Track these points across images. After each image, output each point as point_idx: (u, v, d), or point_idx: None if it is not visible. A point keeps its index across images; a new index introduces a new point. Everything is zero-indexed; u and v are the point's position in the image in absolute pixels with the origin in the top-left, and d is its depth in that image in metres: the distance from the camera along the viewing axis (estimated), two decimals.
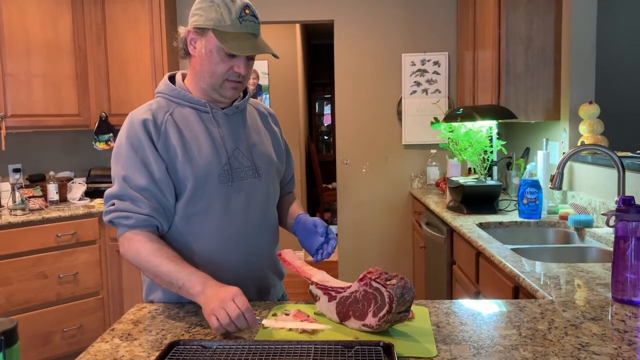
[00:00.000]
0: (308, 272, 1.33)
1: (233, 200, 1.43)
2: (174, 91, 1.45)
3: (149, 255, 1.32)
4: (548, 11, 2.90)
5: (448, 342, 1.11)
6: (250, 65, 1.43)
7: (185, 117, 1.42)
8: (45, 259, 3.15)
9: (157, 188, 1.36)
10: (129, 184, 1.35)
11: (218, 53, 1.37)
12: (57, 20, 3.50)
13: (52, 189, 3.51)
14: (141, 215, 1.34)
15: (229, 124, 1.46)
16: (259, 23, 1.41)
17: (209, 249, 1.42)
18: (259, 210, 1.49)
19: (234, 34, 1.35)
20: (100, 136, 3.72)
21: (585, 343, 1.09)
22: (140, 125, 1.37)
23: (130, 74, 3.69)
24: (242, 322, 1.14)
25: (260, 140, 1.53)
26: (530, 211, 2.55)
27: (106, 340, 1.17)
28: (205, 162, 1.39)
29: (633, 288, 1.31)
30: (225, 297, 1.16)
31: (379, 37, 4.07)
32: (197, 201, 1.40)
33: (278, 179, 1.60)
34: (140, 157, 1.36)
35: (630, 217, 1.30)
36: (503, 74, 2.95)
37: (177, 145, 1.38)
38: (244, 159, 1.46)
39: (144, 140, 1.36)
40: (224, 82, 1.41)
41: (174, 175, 1.38)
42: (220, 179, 1.41)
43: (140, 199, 1.34)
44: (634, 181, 2.17)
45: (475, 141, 2.90)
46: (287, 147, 1.68)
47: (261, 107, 1.64)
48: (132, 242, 1.35)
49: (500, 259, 1.85)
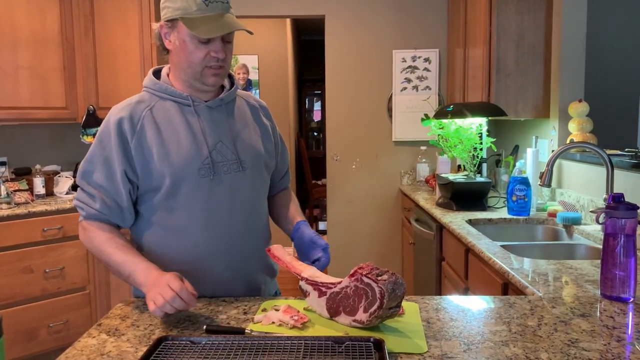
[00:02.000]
0: (298, 268, 1.32)
1: (216, 194, 1.40)
2: (156, 85, 1.44)
3: (100, 245, 1.37)
4: (539, 9, 2.91)
5: (438, 338, 1.10)
6: (229, 48, 1.41)
7: (166, 111, 1.41)
8: (31, 253, 3.11)
9: (114, 187, 1.38)
10: (87, 179, 1.40)
11: (191, 41, 1.35)
12: (45, 12, 3.45)
13: (39, 182, 3.46)
14: (92, 209, 1.39)
15: (212, 116, 1.44)
16: (228, 2, 1.38)
17: (193, 246, 1.40)
18: (245, 206, 1.46)
19: (202, 18, 1.33)
20: (87, 130, 3.68)
21: (574, 339, 1.09)
22: (114, 125, 1.38)
23: (119, 67, 3.65)
24: (178, 303, 1.17)
25: (248, 133, 1.50)
26: (519, 208, 2.56)
27: (93, 336, 1.16)
28: (184, 157, 1.38)
29: (622, 285, 1.32)
30: (161, 283, 1.20)
31: (369, 33, 4.06)
32: (178, 196, 1.39)
33: (267, 174, 1.57)
34: (105, 155, 1.38)
35: (620, 215, 1.30)
36: (493, 71, 2.95)
37: (153, 142, 1.37)
38: (228, 152, 1.43)
39: (113, 140, 1.37)
40: (204, 70, 1.38)
41: (148, 172, 1.38)
42: (201, 173, 1.39)
43: (95, 194, 1.38)
44: (623, 179, 2.18)
45: (465, 138, 2.90)
46: (281, 140, 1.64)
47: (252, 99, 1.61)
48: (87, 231, 1.40)
49: (490, 255, 1.86)
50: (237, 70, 5.47)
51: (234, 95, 1.52)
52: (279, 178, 1.66)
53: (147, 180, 1.39)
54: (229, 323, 1.22)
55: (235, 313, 1.28)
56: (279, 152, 1.63)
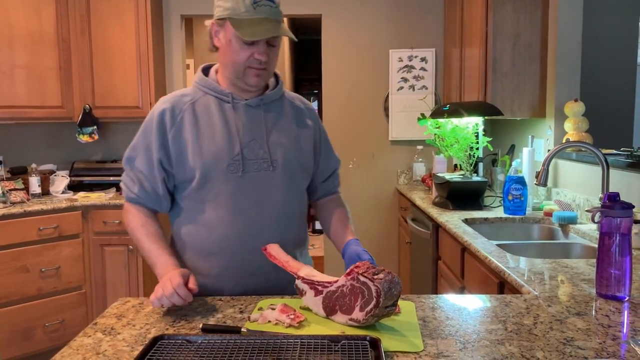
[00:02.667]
0: (294, 267, 1.32)
1: (243, 191, 1.44)
2: (202, 80, 1.50)
3: (134, 229, 1.46)
4: (535, 9, 2.91)
5: (434, 337, 1.11)
6: (273, 51, 1.43)
7: (207, 106, 1.47)
8: (27, 252, 3.10)
9: (152, 174, 1.45)
10: (130, 164, 1.48)
11: (237, 41, 1.39)
12: (41, 11, 3.44)
13: (34, 181, 3.45)
14: (132, 193, 1.48)
15: (249, 115, 1.47)
16: (277, 7, 1.40)
17: (220, 239, 1.44)
18: (273, 204, 1.46)
19: (248, 20, 1.36)
20: (83, 129, 3.67)
21: (570, 338, 1.09)
22: (157, 115, 1.45)
23: (115, 65, 3.64)
24: (175, 299, 1.23)
25: (286, 134, 1.50)
26: (515, 207, 2.57)
27: (89, 335, 1.16)
28: (215, 151, 1.42)
29: (617, 284, 1.32)
30: (165, 279, 1.27)
31: (366, 33, 4.06)
32: (207, 188, 1.43)
33: (304, 175, 1.56)
34: (146, 142, 1.45)
35: (615, 214, 1.31)
36: (490, 70, 2.96)
37: (190, 135, 1.43)
38: (260, 150, 1.45)
39: (154, 129, 1.44)
40: (247, 70, 1.42)
41: (182, 163, 1.43)
42: (230, 169, 1.42)
43: (135, 179, 1.47)
44: (618, 178, 2.19)
45: (462, 137, 2.91)
46: (326, 143, 1.63)
47: (297, 100, 1.61)
48: (127, 213, 1.50)
49: (486, 254, 1.86)
50: None
51: (276, 95, 1.53)
52: (321, 180, 1.64)
53: (180, 171, 1.44)
54: (225, 322, 1.22)
55: (232, 312, 1.28)
56: (322, 153, 1.61)
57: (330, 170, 1.66)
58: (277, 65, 1.51)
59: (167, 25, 3.96)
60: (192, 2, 3.97)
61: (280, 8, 1.41)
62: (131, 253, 3.38)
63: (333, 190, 1.69)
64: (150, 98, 3.66)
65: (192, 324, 1.20)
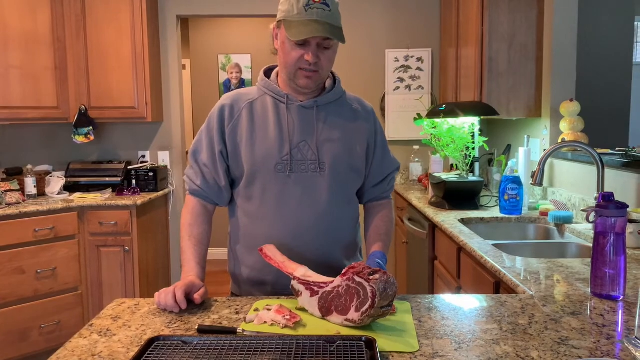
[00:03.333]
0: (290, 268, 1.32)
1: (288, 190, 1.47)
2: (262, 81, 1.55)
3: (182, 225, 1.53)
4: (530, 9, 2.92)
5: (430, 337, 1.11)
6: (326, 55, 1.45)
7: (265, 105, 1.51)
8: (23, 254, 3.10)
9: (214, 167, 1.51)
10: (195, 157, 1.54)
11: (289, 42, 1.42)
12: (36, 11, 3.43)
13: (30, 182, 3.44)
14: (194, 185, 1.54)
15: (303, 116, 1.49)
16: (331, 10, 1.41)
17: (264, 236, 1.48)
18: (317, 205, 1.47)
19: (298, 22, 1.38)
20: (79, 129, 3.67)
21: (565, 337, 1.10)
22: (218, 110, 1.52)
23: (111, 66, 3.64)
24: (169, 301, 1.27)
25: (339, 136, 1.51)
26: (511, 207, 2.57)
27: (84, 336, 1.15)
28: (265, 150, 1.47)
29: (612, 283, 1.33)
30: (176, 283, 1.32)
31: (363, 33, 4.06)
32: (255, 186, 1.49)
33: (355, 178, 1.55)
34: (210, 136, 1.52)
35: (610, 213, 1.31)
36: (486, 71, 2.96)
37: (245, 132, 1.48)
38: (309, 152, 1.47)
39: (215, 123, 1.51)
40: (297, 72, 1.44)
41: (235, 158, 1.49)
42: (278, 168, 1.46)
43: (199, 172, 1.53)
44: (613, 178, 2.20)
45: (458, 137, 2.91)
46: (382, 147, 1.61)
47: (356, 103, 1.60)
48: (186, 206, 1.57)
49: (482, 254, 1.86)
50: (230, 70, 5.46)
51: (333, 97, 1.54)
52: (372, 184, 1.62)
53: (234, 165, 1.51)
54: (221, 323, 1.22)
55: (228, 313, 1.28)
56: (376, 157, 1.60)
57: (383, 175, 1.63)
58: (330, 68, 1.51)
59: (163, 26, 3.96)
60: (187, 2, 3.97)
61: (336, 12, 1.43)
62: (127, 254, 3.37)
63: (382, 196, 1.66)
64: (146, 98, 3.65)
65: (188, 325, 1.20)
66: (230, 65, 5.46)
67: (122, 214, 3.36)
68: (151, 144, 4.03)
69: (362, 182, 1.59)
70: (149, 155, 4.03)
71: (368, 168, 1.59)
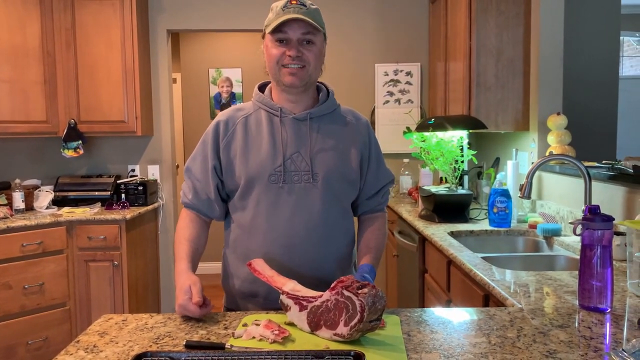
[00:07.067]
0: (279, 282, 1.31)
1: (281, 201, 1.48)
2: (256, 95, 1.59)
3: (177, 233, 1.57)
4: (517, 24, 2.96)
5: (419, 351, 1.11)
6: (309, 49, 1.48)
7: (259, 119, 1.54)
8: (10, 269, 3.06)
9: (206, 181, 1.54)
10: (189, 173, 1.58)
11: (271, 42, 1.48)
12: (25, 25, 3.43)
13: (18, 197, 3.42)
14: (186, 199, 1.58)
15: (296, 128, 1.51)
16: (308, 9, 1.46)
17: (257, 246, 1.50)
18: (310, 216, 1.48)
19: (276, 19, 1.45)
20: (68, 143, 3.65)
21: (552, 350, 1.10)
22: (214, 126, 1.56)
23: (100, 80, 3.63)
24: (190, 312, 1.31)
25: (332, 147, 1.52)
26: (500, 220, 2.59)
27: (70, 353, 1.14)
28: (259, 162, 1.49)
29: (599, 295, 1.34)
30: (177, 294, 1.35)
31: (352, 47, 4.09)
32: (249, 197, 1.51)
33: (348, 189, 1.55)
34: (204, 152, 1.55)
35: (596, 226, 1.33)
36: (474, 85, 2.99)
37: (239, 146, 1.51)
38: (302, 163, 1.49)
39: (210, 139, 1.55)
40: (281, 69, 1.47)
41: (230, 172, 1.52)
42: (271, 179, 1.48)
43: (192, 186, 1.57)
44: (600, 190, 2.22)
45: (447, 151, 2.93)
46: (377, 157, 1.62)
47: (349, 115, 1.62)
48: (181, 218, 1.60)
49: (471, 267, 1.87)
50: (221, 84, 5.47)
51: (326, 110, 1.56)
52: (366, 196, 1.62)
53: (228, 179, 1.53)
54: (209, 338, 1.21)
55: (216, 328, 1.27)
56: (370, 169, 1.60)
57: (377, 187, 1.63)
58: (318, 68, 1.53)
59: (153, 40, 3.96)
60: (178, 17, 3.99)
61: (314, 11, 1.47)
62: (116, 268, 3.34)
63: (376, 208, 1.66)
64: (135, 112, 3.65)
65: (175, 341, 1.19)
66: (221, 79, 5.47)
67: (111, 229, 3.33)
68: (141, 158, 4.02)
69: (356, 193, 1.60)
70: (139, 169, 4.02)
71: (362, 180, 1.59)
